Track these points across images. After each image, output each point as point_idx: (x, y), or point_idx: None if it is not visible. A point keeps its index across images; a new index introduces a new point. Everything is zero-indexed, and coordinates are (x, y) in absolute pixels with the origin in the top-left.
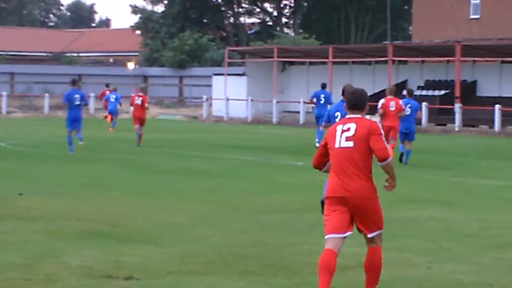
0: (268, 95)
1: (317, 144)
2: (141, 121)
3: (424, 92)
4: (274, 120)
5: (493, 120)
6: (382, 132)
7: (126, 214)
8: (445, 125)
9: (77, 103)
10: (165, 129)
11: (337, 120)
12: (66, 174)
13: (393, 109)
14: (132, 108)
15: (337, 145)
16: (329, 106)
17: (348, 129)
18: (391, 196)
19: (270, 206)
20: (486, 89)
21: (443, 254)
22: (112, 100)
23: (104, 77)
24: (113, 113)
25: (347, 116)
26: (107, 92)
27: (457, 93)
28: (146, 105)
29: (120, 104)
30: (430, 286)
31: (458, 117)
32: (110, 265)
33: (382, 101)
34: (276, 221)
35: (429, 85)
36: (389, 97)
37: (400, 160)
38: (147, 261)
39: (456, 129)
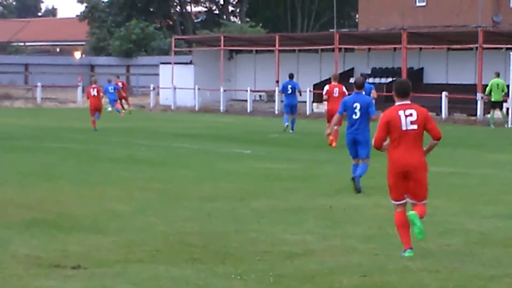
0: (216, 84)
1: (285, 125)
2: (97, 110)
3: (371, 80)
4: (222, 108)
5: (440, 107)
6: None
7: (72, 203)
8: None
9: None
10: (111, 118)
11: (356, 110)
12: (11, 162)
13: (336, 95)
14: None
15: (404, 128)
16: (298, 94)
17: (411, 115)
18: (337, 183)
19: (216, 194)
20: (432, 76)
21: (388, 241)
22: (111, 90)
23: (50, 66)
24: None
25: (401, 102)
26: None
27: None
28: (101, 94)
29: (119, 90)
30: (376, 273)
31: None
32: (57, 254)
33: (326, 87)
34: (222, 209)
35: (376, 72)
36: (333, 83)
37: None
38: (94, 250)
39: None
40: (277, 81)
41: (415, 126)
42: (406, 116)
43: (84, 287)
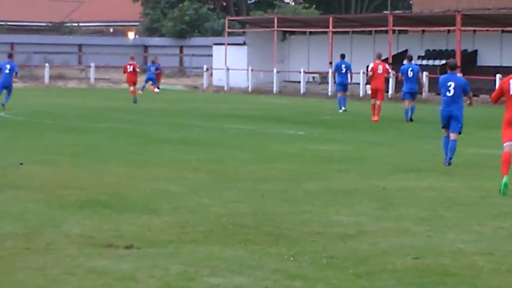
0: (269, 65)
1: (340, 111)
2: (134, 83)
3: (424, 62)
4: (275, 89)
5: (494, 90)
6: None
7: (124, 184)
8: None
9: None
10: (165, 99)
11: (450, 88)
12: (64, 143)
13: (380, 71)
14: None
15: (510, 93)
16: (349, 75)
17: None
18: (390, 165)
19: (269, 175)
20: (486, 58)
21: (442, 223)
22: (153, 70)
23: (104, 47)
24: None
25: None
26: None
27: (458, 62)
28: (137, 69)
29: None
30: (430, 255)
31: None
32: (110, 234)
33: (371, 65)
34: (275, 190)
35: (429, 54)
36: (377, 61)
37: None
38: (147, 230)
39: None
40: (330, 63)
41: None
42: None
43: (137, 267)
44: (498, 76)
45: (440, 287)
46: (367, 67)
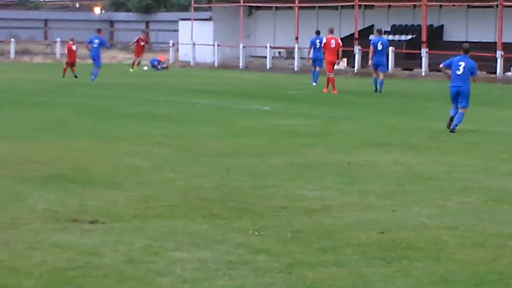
0: (235, 40)
1: (314, 84)
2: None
3: (390, 37)
4: (241, 65)
5: None
6: None
7: (89, 158)
8: (411, 69)
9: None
10: (130, 74)
11: (460, 67)
12: (28, 118)
13: (333, 45)
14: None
15: None
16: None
17: None
18: (355, 139)
19: (234, 150)
20: (452, 34)
21: (407, 197)
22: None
23: (70, 22)
24: None
25: None
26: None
27: (424, 38)
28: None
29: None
30: (394, 230)
31: (424, 61)
32: (75, 208)
33: (324, 40)
34: (240, 165)
35: (396, 30)
36: (329, 36)
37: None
38: (112, 205)
39: (423, 73)
40: (297, 38)
41: None
42: None
43: (102, 242)
44: None
45: (404, 261)
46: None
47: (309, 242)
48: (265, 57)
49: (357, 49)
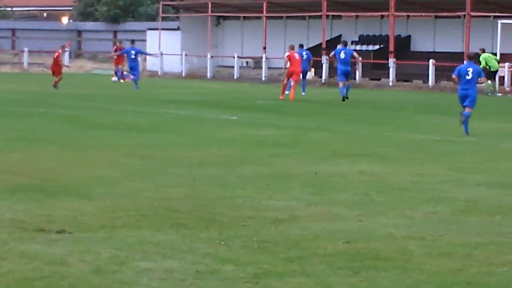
0: (203, 50)
1: (303, 93)
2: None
3: (358, 47)
4: (209, 74)
5: (427, 75)
6: None
7: (58, 168)
8: (379, 79)
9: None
10: (98, 84)
11: (469, 73)
12: None
13: (297, 58)
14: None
15: None
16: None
17: None
18: (324, 150)
19: (202, 160)
20: (420, 44)
21: (374, 208)
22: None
23: (38, 31)
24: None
25: None
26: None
27: (391, 48)
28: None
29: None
30: (361, 240)
31: (392, 72)
32: (42, 218)
33: (287, 53)
34: (208, 175)
35: (363, 40)
36: (292, 51)
37: (343, 100)
38: (79, 215)
39: (390, 83)
40: (264, 48)
41: None
42: None
43: (68, 251)
44: (431, 61)
45: (371, 271)
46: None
47: (276, 252)
48: (233, 67)
49: (324, 59)
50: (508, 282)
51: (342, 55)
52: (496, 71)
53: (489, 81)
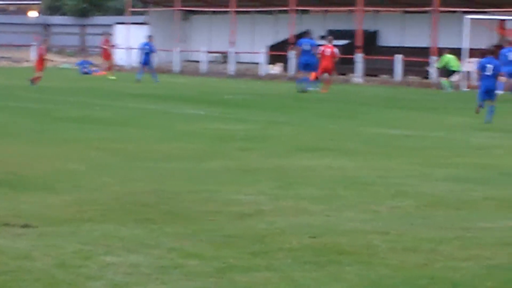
0: (171, 45)
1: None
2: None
3: (327, 42)
4: (177, 69)
5: (394, 70)
6: None
7: (24, 162)
8: (347, 74)
9: None
10: (66, 78)
11: (490, 69)
12: None
13: (328, 54)
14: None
15: None
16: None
17: None
18: (292, 144)
19: (170, 155)
20: (388, 39)
21: (340, 202)
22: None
23: (5, 25)
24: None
25: None
26: None
27: (359, 42)
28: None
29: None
30: (327, 234)
31: (359, 66)
32: (7, 213)
33: (321, 48)
34: (176, 169)
35: (332, 35)
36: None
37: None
38: (45, 209)
39: (358, 78)
40: (232, 42)
41: None
42: None
43: (33, 246)
44: (398, 56)
45: (336, 266)
46: (277, 49)
47: (241, 247)
48: (201, 61)
49: (292, 54)
50: (472, 277)
51: (306, 46)
52: (455, 71)
53: (446, 79)
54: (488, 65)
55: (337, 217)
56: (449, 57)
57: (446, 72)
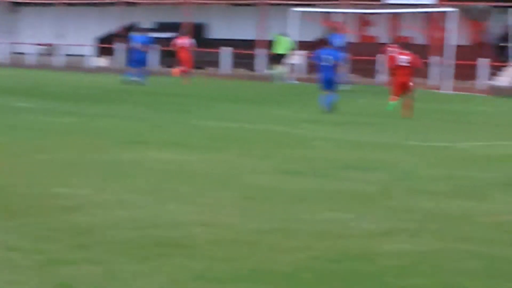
0: None
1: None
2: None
3: (156, 35)
4: (4, 61)
5: (222, 63)
6: None
7: None
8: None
9: None
10: None
11: (327, 59)
12: None
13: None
14: None
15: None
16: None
17: None
18: (117, 137)
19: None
20: (216, 31)
21: (164, 194)
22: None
23: None
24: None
25: None
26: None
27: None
28: None
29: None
30: (150, 227)
31: None
32: None
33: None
34: (6, 163)
35: (161, 27)
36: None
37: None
38: None
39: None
40: (61, 35)
41: None
42: None
43: None
44: (225, 48)
45: (159, 259)
46: (104, 41)
47: (63, 240)
48: (29, 54)
49: (119, 46)
50: (294, 269)
51: (136, 42)
52: (283, 55)
53: (277, 67)
54: (327, 56)
55: (160, 209)
56: (282, 38)
57: (276, 58)
